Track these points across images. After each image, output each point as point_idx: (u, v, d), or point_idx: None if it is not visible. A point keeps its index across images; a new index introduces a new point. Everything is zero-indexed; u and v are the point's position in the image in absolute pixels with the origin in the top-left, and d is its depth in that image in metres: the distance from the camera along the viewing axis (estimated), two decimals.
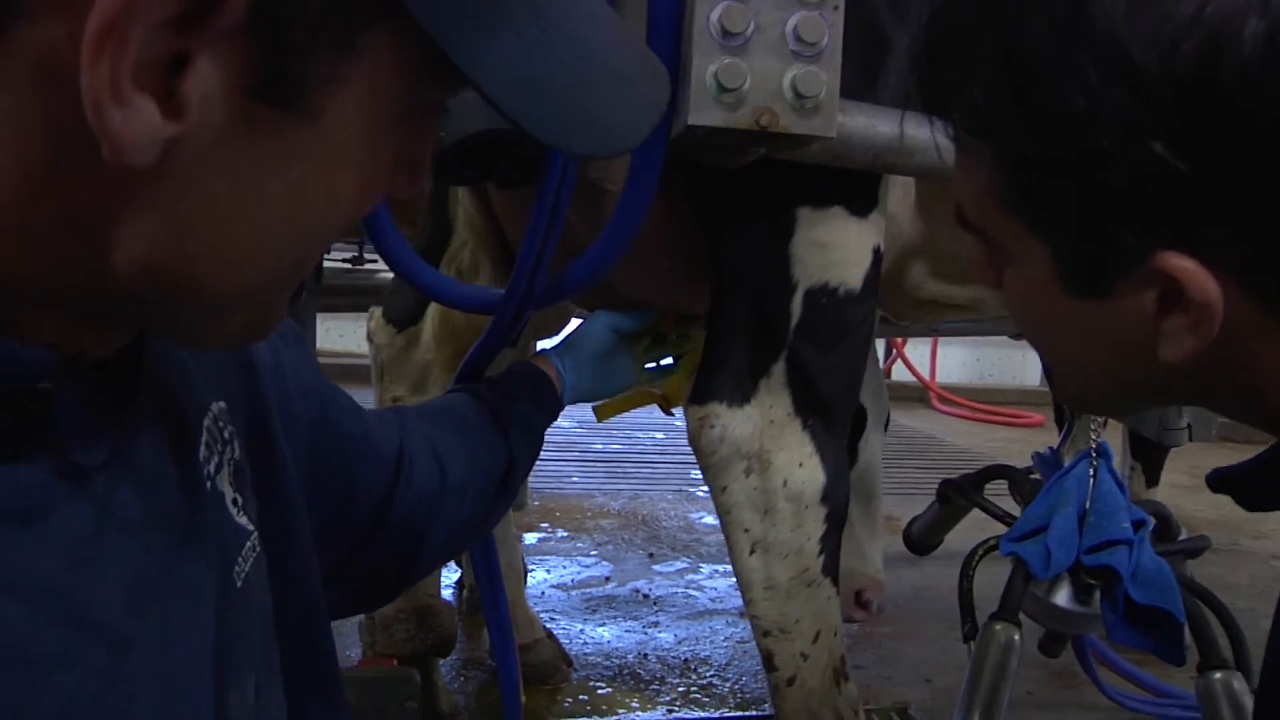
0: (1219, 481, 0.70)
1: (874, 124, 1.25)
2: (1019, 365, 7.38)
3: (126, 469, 0.54)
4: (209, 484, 0.62)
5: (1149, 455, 2.78)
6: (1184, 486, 4.48)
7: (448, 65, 0.48)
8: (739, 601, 2.83)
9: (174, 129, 0.44)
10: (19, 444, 0.48)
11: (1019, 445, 5.25)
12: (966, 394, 6.59)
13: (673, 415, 1.68)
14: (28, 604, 0.47)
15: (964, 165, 0.68)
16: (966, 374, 7.34)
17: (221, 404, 0.66)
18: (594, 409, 1.53)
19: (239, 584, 0.62)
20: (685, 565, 3.16)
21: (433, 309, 1.78)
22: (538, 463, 1.24)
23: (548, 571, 3.01)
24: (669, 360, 1.51)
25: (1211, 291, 0.58)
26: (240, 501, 0.65)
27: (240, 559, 0.63)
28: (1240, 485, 0.69)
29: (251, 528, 0.66)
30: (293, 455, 0.75)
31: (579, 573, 3.03)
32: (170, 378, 0.61)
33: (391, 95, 0.50)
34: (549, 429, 1.26)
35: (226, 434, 0.65)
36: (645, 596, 2.85)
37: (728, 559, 3.42)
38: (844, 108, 1.20)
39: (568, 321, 2.17)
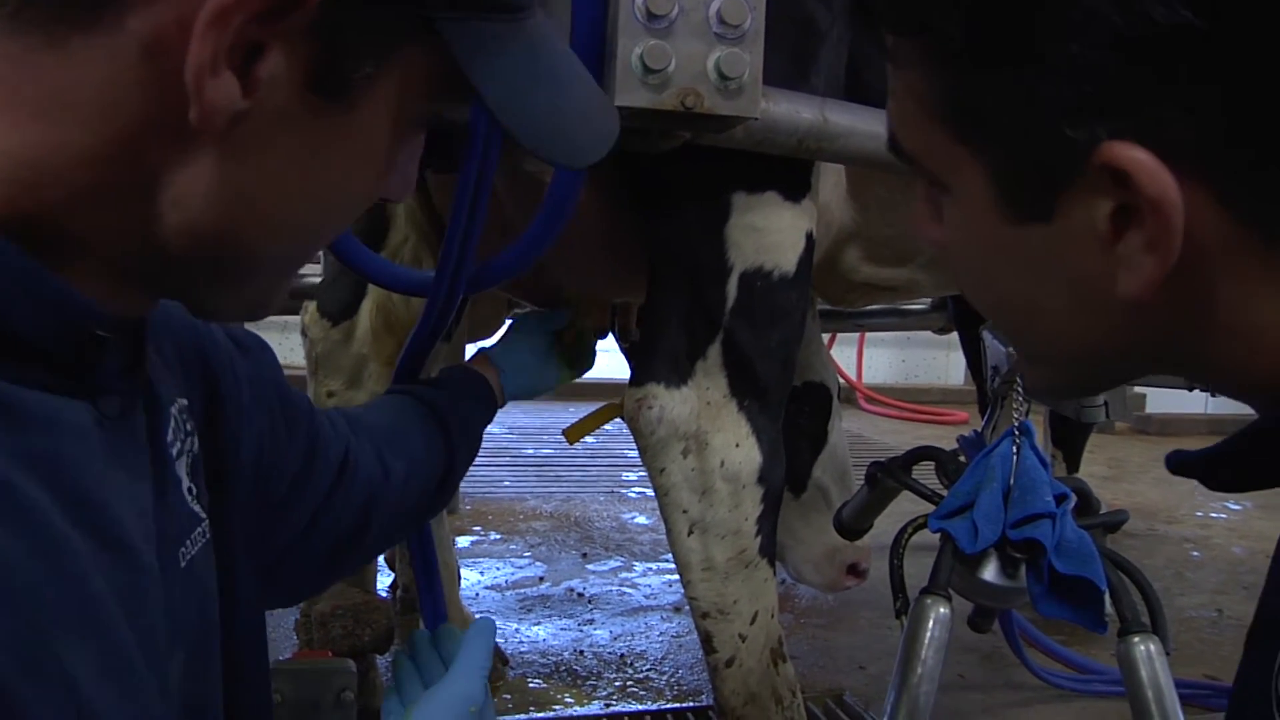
0: (1179, 465, 0.61)
1: (798, 109, 1.28)
2: (943, 365, 7.54)
3: (126, 431, 0.61)
4: (173, 465, 0.68)
5: (1069, 442, 2.88)
6: (1103, 477, 4.62)
7: (456, 82, 0.60)
8: (673, 597, 2.85)
9: (245, 103, 0.54)
10: (72, 383, 0.56)
11: (944, 443, 5.32)
12: (892, 394, 6.70)
13: None
14: (65, 508, 0.53)
15: (896, 79, 0.59)
16: (892, 374, 7.47)
17: (184, 401, 0.72)
18: (564, 432, 1.52)
19: (182, 564, 0.67)
20: (619, 564, 3.16)
21: (369, 303, 1.77)
22: (469, 468, 1.24)
23: (481, 574, 2.99)
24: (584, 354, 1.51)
25: (1167, 186, 0.48)
26: (194, 491, 0.71)
27: (189, 541, 0.69)
28: (1204, 468, 0.60)
29: (204, 515, 0.72)
30: (245, 456, 0.82)
31: (513, 574, 3.02)
32: (149, 366, 0.67)
33: (409, 101, 0.61)
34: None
35: (189, 427, 0.72)
36: (580, 595, 2.85)
37: (661, 557, 3.42)
38: (768, 94, 1.22)
39: (504, 321, 2.17)
